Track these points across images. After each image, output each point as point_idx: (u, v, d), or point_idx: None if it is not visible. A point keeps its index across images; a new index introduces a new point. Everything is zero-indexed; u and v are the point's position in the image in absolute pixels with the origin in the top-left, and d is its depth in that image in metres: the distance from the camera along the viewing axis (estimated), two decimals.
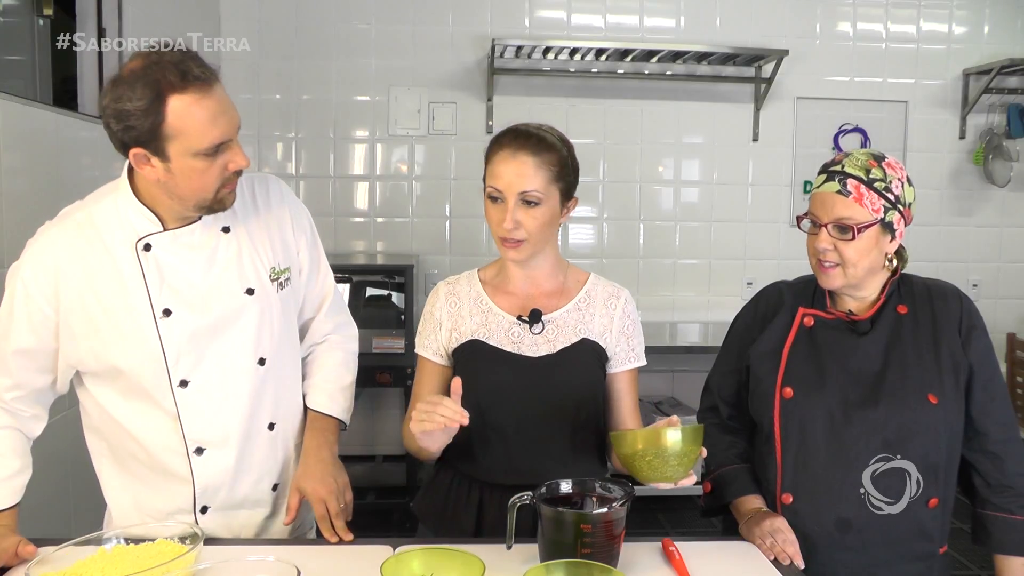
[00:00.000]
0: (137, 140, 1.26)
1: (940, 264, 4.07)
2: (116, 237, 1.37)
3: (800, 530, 1.44)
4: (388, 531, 3.35)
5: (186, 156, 1.28)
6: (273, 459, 1.51)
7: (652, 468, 1.26)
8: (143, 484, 1.45)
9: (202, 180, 1.31)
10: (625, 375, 1.58)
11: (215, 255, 1.42)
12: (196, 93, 1.25)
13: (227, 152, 1.31)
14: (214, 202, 1.35)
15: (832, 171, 1.46)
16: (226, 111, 1.29)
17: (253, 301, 1.44)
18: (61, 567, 1.17)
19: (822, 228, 1.45)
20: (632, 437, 1.28)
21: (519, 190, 1.45)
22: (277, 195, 1.54)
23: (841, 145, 4.05)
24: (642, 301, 4.03)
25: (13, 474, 1.37)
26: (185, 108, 1.24)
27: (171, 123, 1.25)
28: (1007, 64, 3.79)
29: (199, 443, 1.42)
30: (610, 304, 1.57)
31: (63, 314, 1.35)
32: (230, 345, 1.43)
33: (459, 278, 1.61)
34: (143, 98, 1.23)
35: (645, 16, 3.93)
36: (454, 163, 3.90)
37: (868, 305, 1.52)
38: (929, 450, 1.44)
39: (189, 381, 1.39)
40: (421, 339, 1.59)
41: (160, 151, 1.27)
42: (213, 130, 1.27)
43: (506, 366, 1.50)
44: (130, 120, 1.25)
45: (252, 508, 1.50)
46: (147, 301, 1.37)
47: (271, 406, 1.49)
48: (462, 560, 1.17)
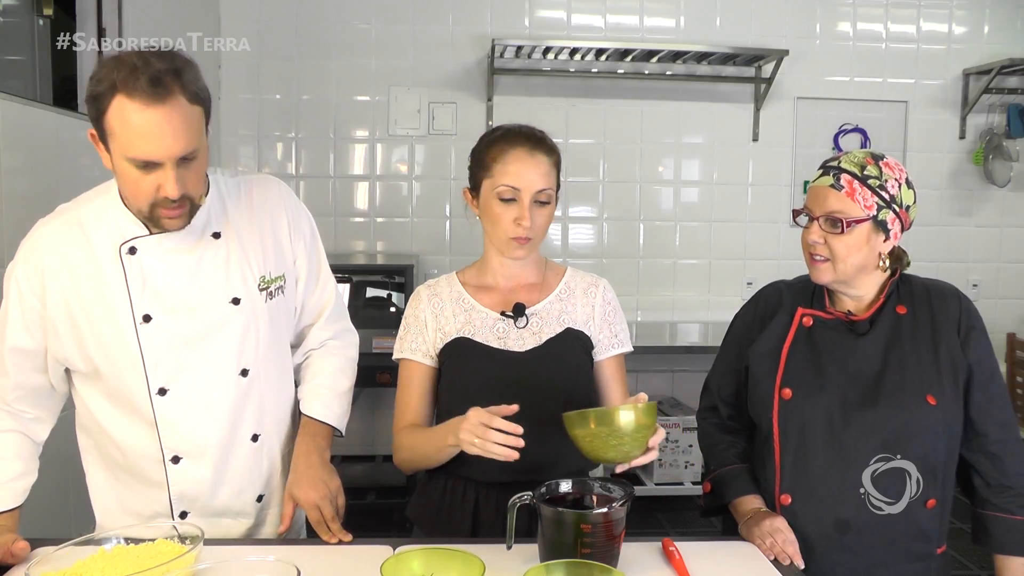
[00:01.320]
0: (93, 121, 1.26)
1: (940, 264, 4.07)
2: (102, 238, 1.35)
3: (799, 531, 1.44)
4: (388, 531, 3.34)
5: (120, 157, 1.25)
6: (256, 471, 1.49)
7: (606, 447, 1.26)
8: (124, 486, 1.45)
9: (135, 187, 1.27)
10: (611, 362, 1.59)
11: (201, 262, 1.39)
12: (140, 103, 1.20)
13: (159, 173, 1.25)
14: (149, 219, 1.31)
15: (828, 166, 1.48)
16: (165, 134, 1.21)
17: (238, 311, 1.41)
18: (61, 567, 1.17)
19: (814, 221, 1.47)
20: (583, 417, 1.27)
21: (537, 189, 1.46)
22: (276, 198, 1.50)
23: (841, 145, 4.05)
24: (642, 301, 4.04)
25: (16, 477, 1.37)
26: (123, 111, 1.21)
27: (109, 118, 1.22)
28: (1007, 64, 3.79)
29: (175, 452, 1.40)
30: (590, 292, 1.59)
31: (49, 310, 1.35)
32: (212, 355, 1.40)
33: (438, 281, 1.61)
34: (100, 85, 1.22)
35: (645, 16, 3.93)
36: (454, 163, 3.90)
37: (867, 305, 1.52)
38: (928, 451, 1.44)
39: (168, 389, 1.38)
40: (404, 343, 1.57)
41: (104, 140, 1.26)
42: (142, 145, 1.22)
43: (494, 362, 1.50)
44: (89, 100, 1.24)
45: (235, 518, 1.48)
46: (128, 305, 1.35)
47: (255, 417, 1.47)
48: (462, 560, 1.17)
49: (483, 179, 1.51)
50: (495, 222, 1.49)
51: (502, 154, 1.48)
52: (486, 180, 1.50)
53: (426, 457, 1.48)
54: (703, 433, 1.70)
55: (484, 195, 1.51)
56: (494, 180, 1.48)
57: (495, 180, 1.48)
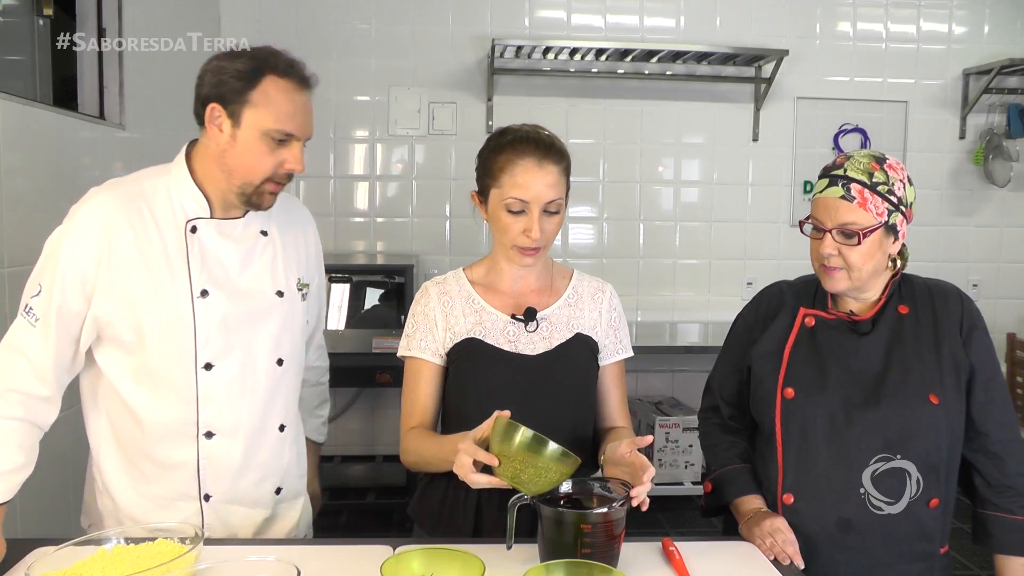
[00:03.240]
0: (221, 96, 1.36)
1: (940, 264, 4.07)
2: (164, 213, 1.42)
3: (801, 530, 1.44)
4: (388, 531, 3.35)
5: (255, 130, 1.37)
6: (279, 461, 1.54)
7: (524, 478, 1.23)
8: (141, 472, 1.45)
9: (257, 162, 1.38)
10: (613, 367, 1.59)
11: (252, 253, 1.49)
12: (292, 84, 1.38)
13: (289, 149, 1.40)
14: (255, 193, 1.41)
15: (834, 175, 1.45)
16: (307, 116, 1.41)
17: (281, 303, 1.51)
18: (61, 567, 1.17)
19: (826, 233, 1.44)
20: (515, 429, 1.22)
21: (546, 200, 1.44)
22: (306, 218, 1.65)
23: (841, 145, 4.05)
24: (642, 301, 4.04)
25: (15, 469, 1.35)
26: (277, 88, 1.37)
27: (259, 92, 1.36)
28: (1007, 64, 3.79)
29: (210, 427, 1.44)
30: (597, 298, 1.59)
31: (107, 273, 1.37)
32: (255, 339, 1.47)
33: (445, 278, 1.59)
34: (244, 66, 1.36)
35: (645, 16, 3.93)
36: (454, 163, 3.90)
37: (869, 305, 1.52)
38: (930, 450, 1.44)
39: (213, 365, 1.43)
40: (413, 341, 1.55)
41: (236, 114, 1.36)
42: (289, 120, 1.38)
43: (506, 365, 1.50)
44: (224, 75, 1.36)
45: (252, 507, 1.51)
46: (187, 278, 1.41)
47: (284, 407, 1.54)
48: (462, 560, 1.17)
49: (491, 187, 1.48)
50: (503, 231, 1.48)
51: (510, 164, 1.44)
52: (494, 189, 1.47)
53: (432, 465, 1.49)
54: (704, 433, 1.70)
55: (492, 204, 1.49)
56: (502, 191, 1.45)
57: (503, 191, 1.45)
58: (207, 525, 1.46)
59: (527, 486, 1.24)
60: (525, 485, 1.24)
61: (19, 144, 1.98)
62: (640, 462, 1.28)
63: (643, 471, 1.26)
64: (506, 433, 1.23)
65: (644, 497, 1.25)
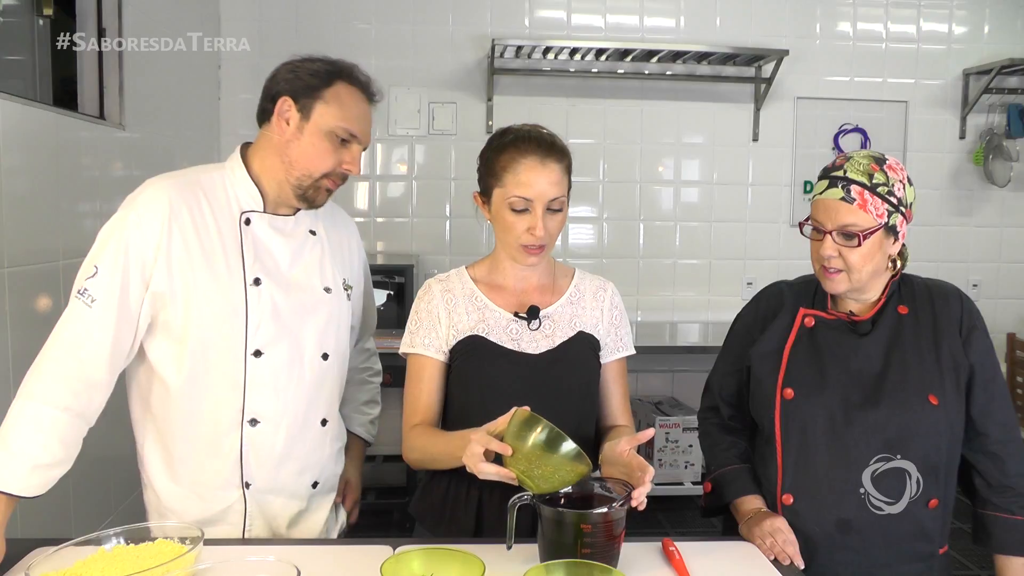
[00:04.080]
0: (294, 91, 1.44)
1: (940, 264, 4.07)
2: (220, 204, 1.47)
3: (801, 531, 1.44)
4: (388, 531, 3.35)
5: (322, 127, 1.44)
6: (318, 454, 1.56)
7: (536, 473, 1.23)
8: (181, 462, 1.47)
9: (318, 158, 1.45)
10: (614, 365, 1.60)
11: (302, 250, 1.54)
12: (360, 92, 1.49)
13: (349, 151, 1.47)
14: (312, 187, 1.47)
15: (834, 176, 1.45)
16: (369, 124, 1.51)
17: (328, 299, 1.55)
18: (61, 567, 1.17)
19: (826, 235, 1.45)
20: (536, 428, 1.21)
21: (550, 198, 1.45)
22: (351, 225, 1.71)
23: (841, 145, 4.05)
24: (642, 301, 4.04)
25: (52, 463, 1.33)
26: (348, 92, 1.47)
27: (332, 92, 1.45)
28: (1007, 64, 3.79)
29: (255, 415, 1.46)
30: (599, 296, 1.60)
31: (166, 257, 1.40)
32: (304, 331, 1.51)
33: (448, 276, 1.60)
34: (321, 68, 1.46)
35: (645, 16, 3.93)
36: (454, 163, 3.90)
37: (869, 306, 1.52)
38: (930, 451, 1.44)
39: (263, 352, 1.46)
40: (416, 337, 1.56)
41: (306, 108, 1.44)
42: (355, 123, 1.46)
43: (509, 363, 1.50)
44: (300, 72, 1.45)
45: (289, 498, 1.53)
46: (241, 267, 1.45)
47: (327, 402, 1.57)
48: (462, 560, 1.17)
49: (494, 187, 1.49)
50: (507, 230, 1.48)
51: (513, 163, 1.46)
52: (497, 188, 1.48)
53: (437, 462, 1.48)
54: (704, 433, 1.70)
55: (495, 203, 1.49)
56: (505, 190, 1.46)
57: (507, 190, 1.46)
58: (248, 513, 1.49)
59: (537, 483, 1.24)
60: (535, 481, 1.23)
61: (19, 144, 1.98)
62: (637, 462, 1.28)
63: (641, 471, 1.26)
64: (525, 426, 1.22)
65: (643, 498, 1.25)
